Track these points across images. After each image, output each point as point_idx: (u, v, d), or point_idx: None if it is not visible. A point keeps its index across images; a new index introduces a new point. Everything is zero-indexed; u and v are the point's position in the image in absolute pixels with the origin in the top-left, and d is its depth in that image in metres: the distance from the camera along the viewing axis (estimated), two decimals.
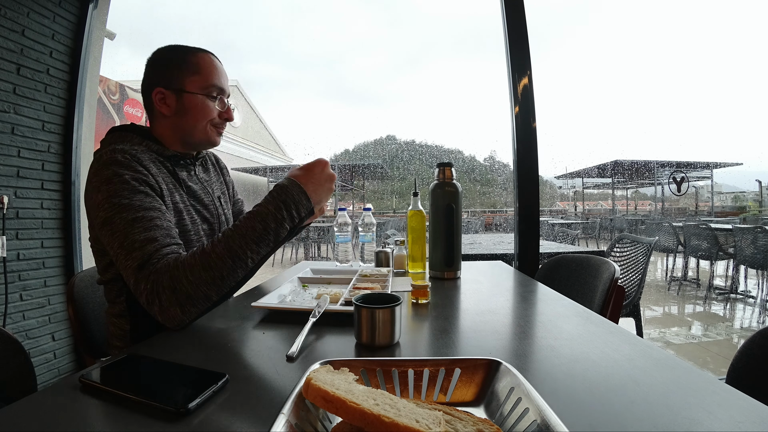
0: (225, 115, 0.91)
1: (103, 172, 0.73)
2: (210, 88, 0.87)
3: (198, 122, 0.88)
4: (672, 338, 2.87)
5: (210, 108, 0.88)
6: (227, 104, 0.91)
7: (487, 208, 9.46)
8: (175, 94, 0.86)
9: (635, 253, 2.35)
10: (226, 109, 0.91)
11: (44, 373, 1.97)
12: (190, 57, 0.87)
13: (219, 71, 0.90)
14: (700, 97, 9.54)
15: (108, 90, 3.19)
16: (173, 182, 0.86)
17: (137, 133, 0.87)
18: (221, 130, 0.93)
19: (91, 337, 1.01)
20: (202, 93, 0.87)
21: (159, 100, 0.86)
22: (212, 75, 0.88)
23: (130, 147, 0.80)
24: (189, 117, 0.87)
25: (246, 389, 0.46)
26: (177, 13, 21.80)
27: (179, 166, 0.91)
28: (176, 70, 0.86)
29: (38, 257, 1.97)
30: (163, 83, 0.86)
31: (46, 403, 0.44)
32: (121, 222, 0.69)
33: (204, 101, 0.87)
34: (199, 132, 0.89)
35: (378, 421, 0.29)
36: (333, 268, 1.24)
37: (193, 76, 0.86)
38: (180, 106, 0.86)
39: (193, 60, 0.87)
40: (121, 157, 0.74)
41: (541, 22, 2.23)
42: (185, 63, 0.86)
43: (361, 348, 0.60)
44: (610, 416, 0.39)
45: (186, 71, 0.86)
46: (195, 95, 0.86)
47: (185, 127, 0.88)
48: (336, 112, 20.92)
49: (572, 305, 0.84)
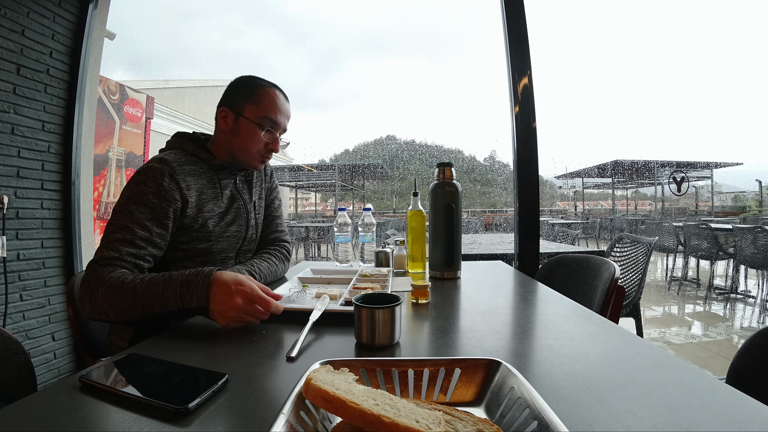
0: (270, 146, 1.00)
1: (139, 176, 0.85)
2: (263, 119, 0.96)
3: (245, 146, 0.97)
4: (672, 338, 2.87)
5: (258, 137, 0.97)
6: (277, 138, 1.00)
7: (487, 208, 9.46)
8: (235, 115, 0.97)
9: (635, 253, 2.35)
10: (273, 142, 1.00)
11: (44, 373, 1.97)
12: (257, 88, 0.97)
13: (278, 107, 0.98)
14: (700, 97, 9.54)
15: (108, 90, 3.19)
16: (213, 190, 0.97)
17: (194, 142, 0.98)
18: (265, 159, 1.02)
19: (91, 337, 1.01)
20: (256, 121, 0.96)
21: (221, 117, 0.98)
22: (269, 109, 0.97)
23: (178, 157, 0.91)
24: (239, 139, 0.97)
25: (246, 389, 0.46)
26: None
27: (223, 175, 1.00)
28: (242, 96, 0.97)
29: (38, 257, 1.97)
30: (229, 104, 0.97)
31: (46, 403, 0.44)
32: (117, 221, 0.82)
33: (255, 129, 0.96)
34: (243, 154, 0.98)
35: (378, 421, 0.29)
36: (333, 268, 1.24)
37: (252, 104, 0.96)
38: (235, 127, 0.97)
39: (258, 91, 0.97)
40: (159, 168, 0.85)
41: (541, 22, 2.23)
42: (251, 92, 0.97)
43: (361, 348, 0.60)
44: (610, 416, 0.39)
45: (249, 99, 0.96)
46: (249, 121, 0.96)
47: (234, 146, 0.98)
48: (336, 112, 20.93)
49: (572, 305, 0.84)
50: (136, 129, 3.60)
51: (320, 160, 10.35)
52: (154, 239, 0.84)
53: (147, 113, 3.71)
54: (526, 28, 1.75)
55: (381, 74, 16.87)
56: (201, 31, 24.45)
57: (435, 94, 13.23)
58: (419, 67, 15.04)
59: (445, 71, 11.60)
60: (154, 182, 0.84)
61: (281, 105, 0.99)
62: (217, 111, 0.99)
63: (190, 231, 0.91)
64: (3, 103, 1.79)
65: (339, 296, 0.84)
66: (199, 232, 0.92)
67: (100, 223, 3.05)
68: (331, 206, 11.65)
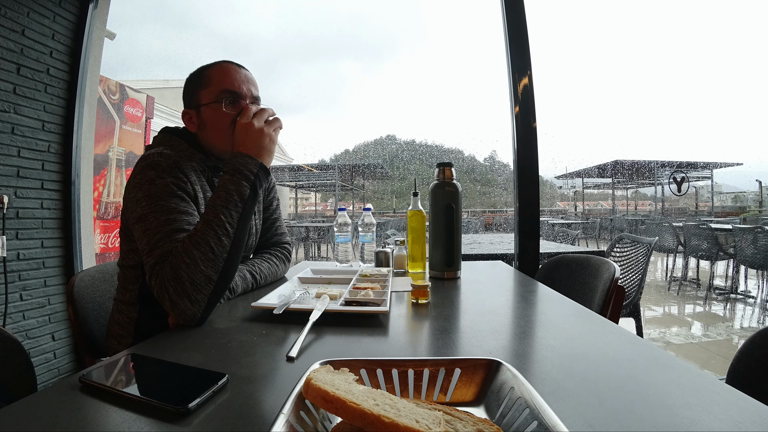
0: None
1: (148, 173, 0.79)
2: (220, 94, 0.87)
3: (217, 132, 0.88)
4: (672, 338, 2.87)
5: (223, 114, 0.87)
6: (246, 105, 0.87)
7: (487, 208, 9.45)
8: (196, 110, 0.89)
9: (635, 253, 2.35)
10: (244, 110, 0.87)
11: (44, 373, 1.97)
12: (205, 71, 0.89)
13: (232, 76, 0.88)
14: (700, 97, 9.53)
15: (108, 90, 3.19)
16: (210, 190, 0.92)
17: (186, 140, 0.92)
18: None
19: (91, 337, 1.01)
20: (214, 101, 0.87)
21: (187, 120, 0.91)
22: (223, 81, 0.87)
23: (176, 154, 0.85)
24: (209, 128, 0.89)
25: (246, 389, 0.46)
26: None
27: (217, 175, 0.95)
28: (195, 87, 0.89)
29: (38, 257, 1.98)
30: (186, 104, 0.91)
31: (46, 403, 0.44)
32: (155, 220, 0.75)
33: (217, 108, 0.87)
34: (220, 143, 0.89)
35: (378, 421, 0.29)
36: (333, 268, 1.24)
37: (205, 88, 0.88)
38: (201, 121, 0.89)
39: (206, 73, 0.89)
40: (165, 163, 0.80)
41: (541, 21, 2.23)
42: (200, 78, 0.89)
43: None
44: (610, 416, 0.39)
45: (199, 86, 0.89)
46: (208, 106, 0.87)
47: (208, 140, 0.91)
48: (335, 112, 20.93)
49: (572, 305, 0.84)
50: (137, 129, 3.60)
51: (320, 160, 10.34)
52: (195, 220, 0.79)
53: (147, 113, 3.71)
54: (526, 27, 1.75)
55: (381, 74, 16.89)
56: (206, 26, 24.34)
57: (435, 93, 13.23)
58: (419, 67, 15.01)
59: (445, 71, 11.59)
60: (169, 173, 0.79)
61: (234, 73, 0.89)
62: (183, 118, 0.92)
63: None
64: (3, 103, 1.79)
65: (339, 296, 0.84)
66: None
67: (100, 223, 3.05)
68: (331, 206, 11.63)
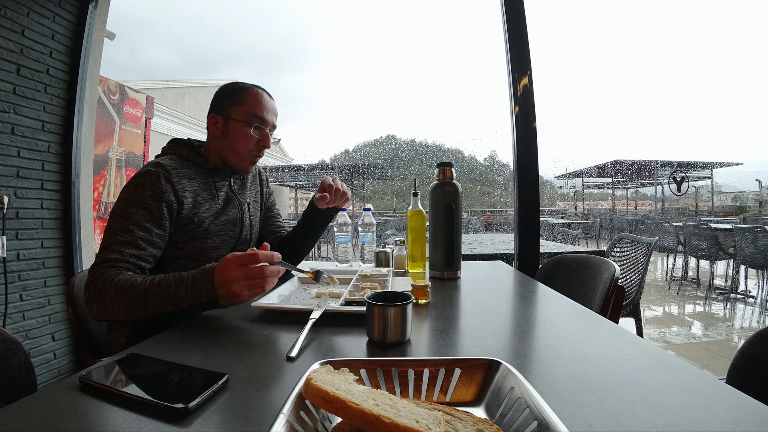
0: (262, 143, 1.02)
1: (137, 179, 0.88)
2: (251, 117, 0.99)
3: (237, 146, 1.00)
4: (672, 338, 2.87)
5: (248, 135, 1.00)
6: (267, 134, 1.02)
7: (487, 208, 9.45)
8: (224, 119, 1.00)
9: (635, 253, 2.35)
10: (263, 138, 1.02)
11: (44, 373, 1.97)
12: (241, 90, 1.01)
13: (263, 105, 1.01)
14: (700, 97, 9.53)
15: (108, 90, 3.19)
16: (209, 192, 0.99)
17: (189, 147, 1.02)
18: (255, 159, 1.04)
19: (91, 337, 1.01)
20: (244, 120, 0.99)
21: (212, 124, 1.02)
22: (255, 107, 1.00)
23: (173, 161, 0.94)
24: (230, 141, 1.00)
25: (246, 389, 0.46)
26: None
27: (217, 177, 1.03)
28: (228, 100, 1.01)
29: (38, 257, 1.97)
30: (217, 110, 1.01)
31: (46, 403, 0.44)
32: (117, 224, 0.84)
33: (244, 128, 0.99)
34: (234, 156, 1.01)
35: (378, 421, 0.29)
36: (333, 268, 1.24)
37: (239, 106, 0.99)
38: (225, 130, 1.00)
39: (242, 93, 1.00)
40: (154, 174, 0.87)
41: (541, 21, 2.23)
42: (236, 95, 1.00)
43: (372, 346, 0.61)
44: (610, 416, 0.39)
45: (234, 102, 1.00)
46: (238, 122, 0.99)
47: (226, 149, 1.01)
48: (335, 112, 20.91)
49: (572, 305, 0.84)
50: (136, 129, 3.60)
51: (320, 160, 10.34)
52: (154, 240, 0.86)
53: (147, 113, 3.71)
54: (526, 27, 1.75)
55: (381, 74, 16.90)
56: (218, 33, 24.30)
57: (435, 93, 13.24)
58: (419, 67, 15.01)
59: (445, 71, 11.61)
60: (151, 185, 0.87)
61: (266, 102, 1.02)
62: (208, 118, 1.03)
63: (186, 230, 0.93)
64: (3, 103, 1.79)
65: (339, 296, 0.84)
66: (195, 231, 0.94)
67: (100, 223, 3.05)
68: None
